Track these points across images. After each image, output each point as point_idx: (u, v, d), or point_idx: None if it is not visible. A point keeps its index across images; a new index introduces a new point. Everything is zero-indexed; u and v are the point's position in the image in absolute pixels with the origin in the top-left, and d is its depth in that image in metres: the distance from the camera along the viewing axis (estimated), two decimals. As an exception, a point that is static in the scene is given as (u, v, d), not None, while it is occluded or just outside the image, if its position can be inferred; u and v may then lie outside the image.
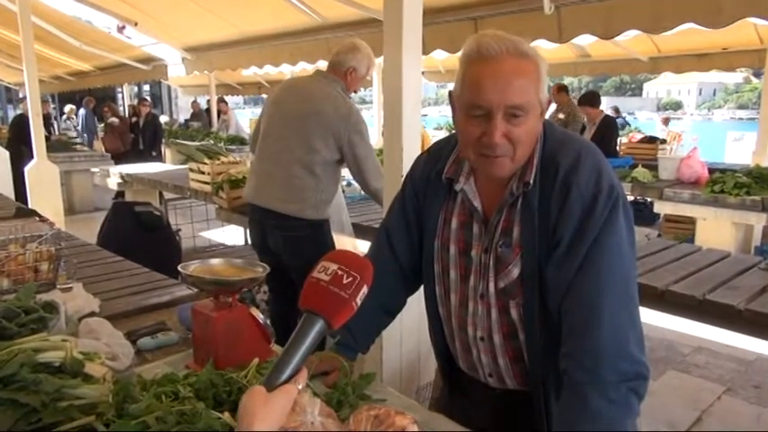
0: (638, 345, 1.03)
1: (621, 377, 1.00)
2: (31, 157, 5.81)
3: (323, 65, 3.41)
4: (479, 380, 1.29)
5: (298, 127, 2.58)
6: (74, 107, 12.79)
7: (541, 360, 1.16)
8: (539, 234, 1.10)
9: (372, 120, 9.48)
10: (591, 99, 6.14)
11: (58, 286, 1.77)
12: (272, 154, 2.66)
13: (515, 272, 1.13)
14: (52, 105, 17.37)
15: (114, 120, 9.50)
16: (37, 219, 3.01)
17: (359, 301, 0.84)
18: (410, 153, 2.14)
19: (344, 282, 0.83)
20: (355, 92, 2.77)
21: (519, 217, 1.13)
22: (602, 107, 6.34)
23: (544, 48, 5.17)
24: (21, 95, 10.77)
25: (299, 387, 0.79)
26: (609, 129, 5.98)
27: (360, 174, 2.62)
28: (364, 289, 0.85)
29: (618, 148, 6.75)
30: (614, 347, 1.01)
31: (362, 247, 3.10)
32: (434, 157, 1.29)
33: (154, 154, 8.96)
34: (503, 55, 1.03)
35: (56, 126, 11.90)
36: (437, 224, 1.25)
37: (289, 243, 2.64)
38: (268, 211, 2.64)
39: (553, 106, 6.03)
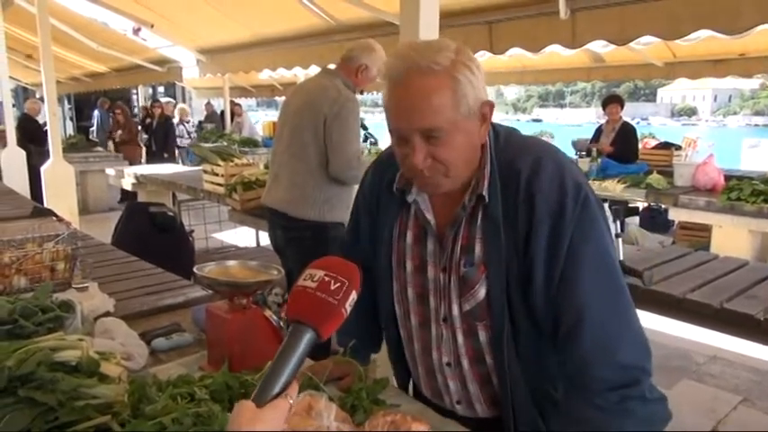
0: (632, 348, 0.98)
1: (607, 385, 0.96)
2: (40, 155, 5.87)
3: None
4: (445, 407, 1.22)
5: (293, 123, 2.59)
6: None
7: (511, 382, 1.10)
8: (506, 249, 1.03)
9: (384, 123, 9.45)
10: (619, 99, 6.11)
11: (74, 286, 1.78)
12: (279, 155, 2.68)
13: (482, 292, 1.07)
14: (68, 105, 17.49)
15: (116, 134, 9.45)
16: (54, 218, 3.04)
17: (348, 308, 0.79)
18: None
19: (332, 288, 0.79)
20: (361, 92, 2.73)
21: (480, 233, 1.06)
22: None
23: (558, 53, 5.15)
24: (37, 96, 10.84)
25: (290, 402, 0.75)
26: (630, 135, 5.91)
27: (332, 162, 2.47)
28: (353, 295, 0.80)
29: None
30: (598, 357, 0.98)
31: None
32: (383, 166, 1.22)
33: (165, 155, 9.03)
34: (408, 76, 0.97)
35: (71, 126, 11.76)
36: (392, 238, 1.18)
37: (290, 243, 2.63)
38: (274, 211, 2.66)
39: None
